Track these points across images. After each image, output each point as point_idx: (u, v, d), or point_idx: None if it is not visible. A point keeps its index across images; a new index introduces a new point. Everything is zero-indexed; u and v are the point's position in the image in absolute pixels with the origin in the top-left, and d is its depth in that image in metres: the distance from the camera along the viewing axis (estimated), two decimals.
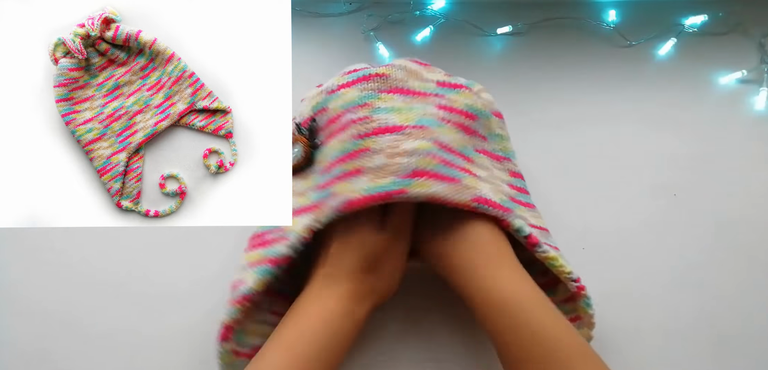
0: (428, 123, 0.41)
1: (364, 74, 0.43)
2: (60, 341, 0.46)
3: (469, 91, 0.45)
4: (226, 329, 0.38)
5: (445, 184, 0.38)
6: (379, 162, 0.39)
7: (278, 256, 0.39)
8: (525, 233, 0.40)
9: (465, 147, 0.42)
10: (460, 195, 0.38)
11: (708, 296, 0.47)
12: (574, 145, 0.54)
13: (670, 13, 0.60)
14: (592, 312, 0.40)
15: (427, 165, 0.39)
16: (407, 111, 0.41)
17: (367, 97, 0.42)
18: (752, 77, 0.57)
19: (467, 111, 0.43)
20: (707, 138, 0.54)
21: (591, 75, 0.58)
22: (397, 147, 0.39)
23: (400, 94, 0.42)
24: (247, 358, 0.39)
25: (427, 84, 0.44)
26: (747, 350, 0.45)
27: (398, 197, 0.38)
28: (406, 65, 0.44)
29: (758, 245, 0.49)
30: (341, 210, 0.39)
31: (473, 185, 0.39)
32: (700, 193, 0.52)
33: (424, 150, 0.39)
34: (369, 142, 0.40)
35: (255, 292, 0.38)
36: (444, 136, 0.40)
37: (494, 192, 0.41)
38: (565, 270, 0.40)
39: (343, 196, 0.39)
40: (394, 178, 0.38)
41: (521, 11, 0.60)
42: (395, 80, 0.43)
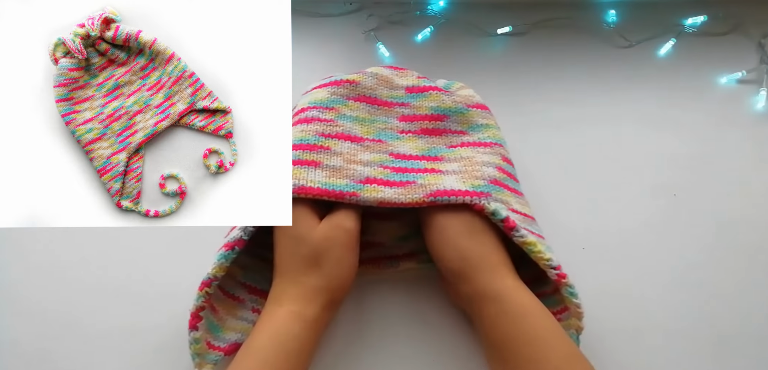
0: (386, 137, 0.45)
1: (336, 79, 0.46)
2: (60, 341, 0.46)
3: (439, 92, 0.47)
4: (193, 317, 0.39)
5: (395, 188, 0.41)
6: (337, 163, 0.43)
7: (233, 240, 0.41)
8: (501, 216, 0.40)
9: (431, 149, 0.45)
10: (410, 195, 0.41)
11: (708, 296, 0.47)
12: (574, 145, 0.54)
13: (670, 13, 0.60)
14: (578, 302, 0.39)
15: (378, 174, 0.42)
16: (369, 124, 0.45)
17: (335, 101, 0.46)
18: (752, 77, 0.57)
19: (432, 114, 0.46)
20: (707, 138, 0.54)
21: (591, 75, 0.58)
22: (355, 156, 0.43)
23: (366, 103, 0.46)
24: (221, 352, 0.41)
25: (396, 92, 0.47)
26: (747, 350, 0.45)
27: (350, 199, 0.41)
28: (379, 72, 0.47)
29: (758, 245, 0.49)
30: (297, 192, 0.41)
31: (431, 182, 0.41)
32: (700, 193, 0.52)
33: (378, 162, 0.43)
34: (331, 142, 0.44)
35: (214, 277, 0.39)
36: (401, 147, 0.44)
37: (462, 181, 0.42)
38: (544, 257, 0.39)
39: (297, 180, 0.41)
40: (348, 181, 0.42)
41: (521, 11, 0.60)
42: (364, 88, 0.46)
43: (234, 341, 0.42)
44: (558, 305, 0.41)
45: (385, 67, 0.48)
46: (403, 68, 0.49)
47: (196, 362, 0.40)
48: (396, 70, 0.48)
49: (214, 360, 0.41)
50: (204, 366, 0.40)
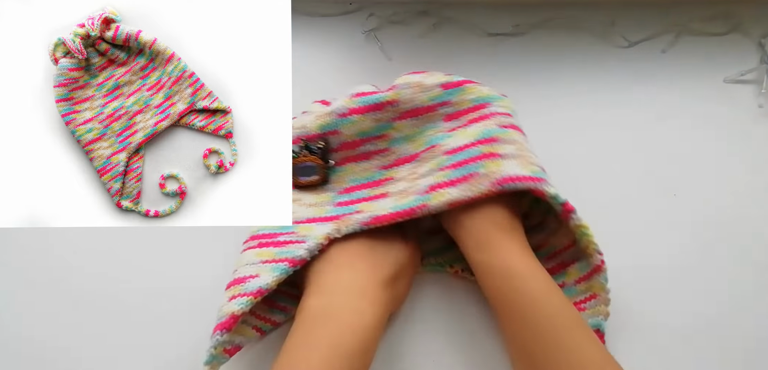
0: (437, 140, 0.45)
1: (375, 102, 0.45)
2: (60, 341, 0.46)
3: (474, 84, 0.47)
4: (232, 319, 0.38)
5: (460, 185, 0.41)
6: (402, 187, 0.44)
7: (297, 258, 0.40)
8: (560, 201, 0.40)
9: (484, 131, 0.44)
10: (477, 187, 0.40)
11: (708, 296, 0.47)
12: (574, 145, 0.54)
13: (670, 13, 0.60)
14: (608, 287, 0.41)
15: (439, 178, 0.42)
16: (419, 136, 0.46)
17: (383, 128, 0.46)
18: (752, 77, 0.57)
19: (475, 104, 0.46)
20: (707, 138, 0.54)
21: (591, 75, 0.58)
22: (415, 172, 0.44)
23: (411, 117, 0.46)
24: (226, 355, 0.40)
25: (432, 92, 0.46)
26: (747, 350, 0.45)
27: (421, 211, 0.41)
28: (409, 81, 0.46)
29: (758, 245, 0.49)
30: (369, 224, 0.42)
31: (494, 170, 0.41)
32: (700, 193, 0.52)
33: (436, 166, 0.43)
34: (392, 172, 0.46)
35: (269, 288, 0.39)
36: (454, 141, 0.44)
37: (522, 166, 0.41)
38: (594, 241, 0.41)
39: (369, 212, 0.43)
40: (414, 196, 0.42)
41: (521, 11, 0.60)
42: (404, 103, 0.45)
43: (237, 344, 0.42)
44: (584, 294, 0.43)
45: (410, 74, 0.47)
46: (423, 71, 0.48)
47: (211, 364, 0.39)
48: (421, 74, 0.47)
49: (222, 361, 0.40)
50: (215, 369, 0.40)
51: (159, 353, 0.45)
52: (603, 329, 0.41)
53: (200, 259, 0.48)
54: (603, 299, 0.41)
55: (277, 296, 0.45)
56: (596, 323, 0.41)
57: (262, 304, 0.43)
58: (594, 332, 0.41)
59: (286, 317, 0.45)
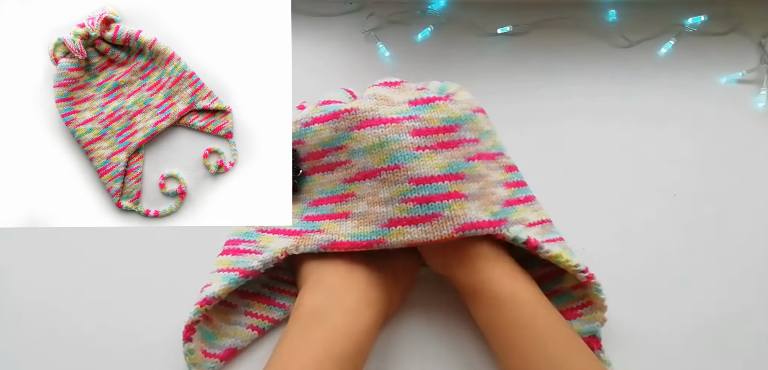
0: (402, 160, 0.40)
1: (334, 111, 0.43)
2: (60, 341, 0.46)
3: (444, 101, 0.43)
4: (187, 329, 0.40)
5: (422, 225, 0.39)
6: (362, 209, 0.42)
7: (249, 269, 0.41)
8: (521, 241, 0.40)
9: (451, 164, 0.41)
10: (439, 231, 0.39)
11: (708, 297, 0.47)
12: (574, 145, 0.54)
13: (670, 13, 0.60)
14: (604, 296, 0.41)
15: (401, 213, 0.40)
16: (379, 149, 0.41)
17: (342, 138, 0.43)
18: (752, 77, 0.57)
19: (445, 125, 0.42)
20: (707, 138, 0.54)
21: (591, 75, 0.58)
22: (376, 195, 0.41)
23: (371, 126, 0.41)
24: (217, 359, 0.42)
25: (399, 107, 0.43)
26: (747, 350, 0.45)
27: (378, 246, 0.40)
28: (376, 93, 0.43)
29: (758, 245, 0.49)
30: (326, 248, 0.42)
31: (457, 213, 0.39)
32: (700, 193, 0.52)
33: (398, 196, 0.40)
34: (353, 187, 0.42)
35: (218, 297, 0.40)
36: (421, 167, 0.40)
37: (483, 209, 0.41)
38: (571, 264, 0.40)
39: (329, 235, 0.42)
40: (374, 227, 0.41)
41: (521, 11, 0.60)
42: (364, 112, 0.42)
43: (229, 347, 0.43)
44: (579, 301, 0.43)
45: (379, 86, 0.44)
46: (398, 82, 0.45)
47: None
48: (392, 86, 0.45)
49: (210, 367, 0.42)
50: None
51: (159, 353, 0.45)
52: (599, 335, 0.42)
53: (200, 259, 0.48)
54: (599, 306, 0.41)
55: (276, 293, 0.45)
56: (592, 329, 0.41)
57: (260, 302, 0.45)
58: (590, 338, 0.41)
59: (286, 314, 0.45)
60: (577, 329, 0.42)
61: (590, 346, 0.41)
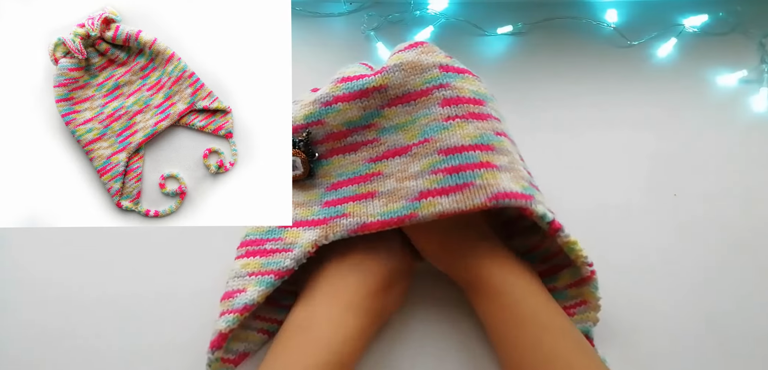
0: (432, 132, 0.40)
1: (361, 88, 0.41)
2: (60, 341, 0.46)
3: (473, 76, 0.43)
4: (221, 337, 0.38)
5: (453, 195, 0.38)
6: (390, 186, 0.40)
7: (283, 269, 0.40)
8: (549, 219, 0.38)
9: (482, 135, 0.39)
10: (471, 200, 0.37)
11: (708, 296, 0.47)
12: (574, 145, 0.54)
13: (670, 13, 0.60)
14: (599, 295, 0.41)
15: (431, 184, 0.38)
16: (411, 125, 0.41)
17: (371, 116, 0.42)
18: (752, 77, 0.57)
19: (475, 98, 0.41)
20: (707, 138, 0.54)
21: (591, 75, 0.58)
22: (406, 170, 0.40)
23: (402, 103, 0.41)
24: (232, 364, 0.41)
25: (430, 72, 0.41)
26: (747, 350, 0.45)
27: (410, 221, 0.39)
28: (402, 62, 0.41)
29: (759, 244, 0.49)
30: (356, 231, 0.40)
31: (490, 182, 0.37)
32: (700, 193, 0.52)
33: (428, 168, 0.39)
34: (381, 166, 0.41)
35: (256, 303, 0.38)
36: (452, 138, 0.39)
37: (515, 180, 0.38)
38: (581, 255, 0.39)
39: (357, 218, 0.40)
40: (404, 202, 0.39)
41: (521, 11, 0.60)
42: (394, 88, 0.41)
43: (241, 351, 0.42)
44: (573, 300, 0.42)
45: (404, 50, 0.43)
46: (422, 42, 0.43)
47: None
48: (418, 47, 0.43)
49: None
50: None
51: (159, 353, 0.45)
52: (591, 334, 0.41)
53: (200, 259, 0.48)
54: (593, 306, 0.41)
55: (282, 295, 0.45)
56: (584, 328, 0.41)
57: (266, 305, 0.43)
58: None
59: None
60: None
61: None
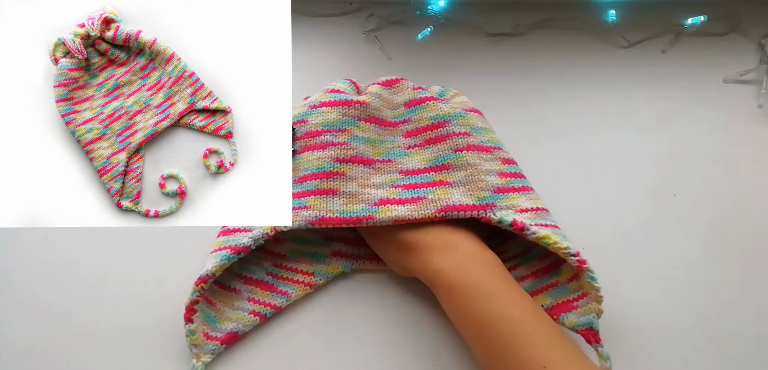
0: (394, 156, 0.47)
1: (346, 99, 0.46)
2: (59, 341, 0.46)
3: (435, 101, 0.47)
4: (187, 310, 0.42)
5: (408, 205, 0.43)
6: (352, 189, 0.44)
7: (239, 245, 0.42)
8: (507, 222, 0.42)
9: (437, 157, 0.46)
10: (423, 211, 0.43)
11: (708, 296, 0.47)
12: (574, 145, 0.54)
13: (670, 13, 0.60)
14: (598, 285, 0.40)
15: (390, 195, 0.44)
16: (378, 144, 0.47)
17: (347, 123, 0.46)
18: (752, 77, 0.57)
19: (433, 123, 0.47)
20: (707, 138, 0.54)
21: (591, 75, 0.58)
22: (368, 179, 0.45)
23: (375, 123, 0.47)
24: (219, 342, 0.43)
25: (397, 110, 0.48)
26: (747, 350, 0.45)
27: (367, 222, 0.43)
28: (380, 93, 0.48)
29: (758, 245, 0.49)
30: (314, 224, 0.43)
31: (440, 197, 0.43)
32: (700, 193, 0.52)
33: (389, 182, 0.45)
34: (345, 167, 0.45)
35: (212, 274, 0.42)
36: (409, 162, 0.46)
37: (469, 193, 0.44)
38: (561, 246, 0.41)
39: (316, 211, 0.43)
40: (364, 205, 0.44)
41: (521, 11, 0.60)
42: (373, 109, 0.47)
43: (230, 331, 0.44)
44: (575, 293, 0.43)
45: (380, 86, 0.48)
46: (397, 80, 0.49)
47: (193, 353, 0.42)
48: (391, 86, 0.49)
49: (211, 350, 0.43)
50: (202, 356, 0.42)
51: (159, 353, 0.45)
52: (596, 327, 0.41)
53: (200, 259, 0.48)
54: (594, 297, 0.41)
55: (279, 281, 0.47)
56: (588, 321, 0.41)
57: (263, 289, 0.46)
58: (587, 330, 0.41)
59: (288, 301, 0.46)
60: (573, 321, 0.42)
61: (588, 339, 0.41)
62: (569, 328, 0.42)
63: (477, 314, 0.38)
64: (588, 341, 0.41)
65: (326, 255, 0.48)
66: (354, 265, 0.48)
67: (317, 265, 0.48)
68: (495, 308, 0.38)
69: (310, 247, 0.49)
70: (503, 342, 0.37)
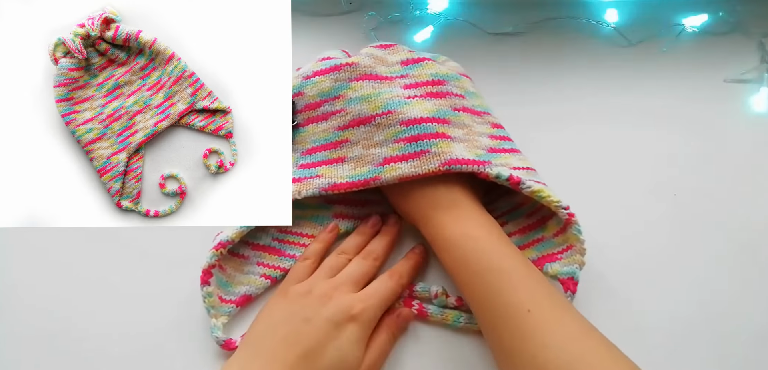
0: (394, 106, 0.45)
1: (335, 64, 0.47)
2: (59, 341, 0.46)
3: (433, 61, 0.49)
4: (205, 273, 0.42)
5: (412, 161, 0.44)
6: (358, 152, 0.45)
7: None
8: (504, 177, 0.43)
9: (439, 110, 0.46)
10: (427, 165, 0.43)
11: (708, 296, 0.47)
12: (574, 145, 0.54)
13: (670, 13, 0.60)
14: (583, 238, 0.43)
15: (393, 152, 0.44)
16: (375, 98, 0.46)
17: (340, 88, 0.47)
18: (752, 77, 0.57)
19: (433, 79, 0.48)
20: (707, 138, 0.54)
21: (591, 75, 0.58)
22: (371, 138, 0.45)
23: (369, 80, 0.47)
24: (234, 305, 0.45)
25: (393, 67, 0.49)
26: (747, 350, 0.45)
27: (374, 183, 0.44)
28: (373, 53, 0.48)
29: (758, 244, 0.49)
30: (328, 190, 0.45)
31: (443, 150, 0.43)
32: (700, 193, 0.52)
33: (391, 137, 0.45)
34: (348, 133, 0.46)
35: (232, 240, 0.43)
36: (411, 111, 0.45)
37: (469, 149, 0.45)
38: (553, 200, 0.43)
39: (328, 178, 0.45)
40: (370, 167, 0.45)
41: (521, 11, 0.60)
42: (364, 67, 0.47)
43: (244, 294, 0.45)
44: (560, 246, 0.44)
45: (374, 47, 0.49)
46: (391, 44, 0.50)
47: (211, 314, 0.43)
48: (386, 48, 0.50)
49: (227, 312, 0.44)
50: (219, 317, 0.43)
51: (159, 353, 0.45)
52: (577, 277, 0.43)
53: (200, 259, 0.48)
54: (578, 249, 0.43)
55: (286, 245, 0.48)
56: (571, 270, 0.43)
57: (271, 253, 0.48)
58: (568, 280, 0.43)
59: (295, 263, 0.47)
60: (556, 270, 0.44)
61: (566, 287, 0.43)
62: (552, 276, 0.44)
63: (471, 265, 0.40)
64: (566, 288, 0.43)
65: (328, 217, 0.49)
66: (355, 225, 0.49)
67: (320, 227, 0.49)
68: (489, 261, 0.40)
69: (311, 211, 0.50)
70: (494, 288, 0.39)
